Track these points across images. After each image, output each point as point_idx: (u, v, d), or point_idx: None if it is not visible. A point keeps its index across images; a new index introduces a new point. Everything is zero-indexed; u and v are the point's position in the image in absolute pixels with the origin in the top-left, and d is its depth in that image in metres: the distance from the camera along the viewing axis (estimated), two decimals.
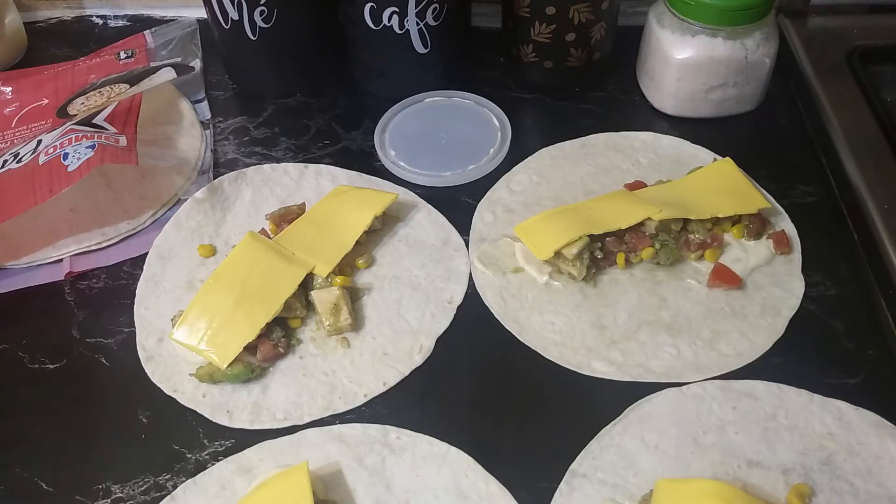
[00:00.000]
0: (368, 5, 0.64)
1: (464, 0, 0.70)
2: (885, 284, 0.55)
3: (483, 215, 0.62)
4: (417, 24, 0.66)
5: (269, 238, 0.59)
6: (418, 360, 0.54)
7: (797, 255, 0.58)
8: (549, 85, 0.72)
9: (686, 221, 0.57)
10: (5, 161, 0.63)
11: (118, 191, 0.65)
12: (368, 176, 0.66)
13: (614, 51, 0.72)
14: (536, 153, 0.66)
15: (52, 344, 0.56)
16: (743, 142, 0.66)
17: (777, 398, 0.50)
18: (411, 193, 0.64)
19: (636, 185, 0.61)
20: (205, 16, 0.70)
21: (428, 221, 0.62)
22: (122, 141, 0.63)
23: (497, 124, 0.68)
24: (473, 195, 0.64)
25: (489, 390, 0.52)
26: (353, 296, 0.57)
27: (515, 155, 0.66)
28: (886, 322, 0.54)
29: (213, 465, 0.49)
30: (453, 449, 0.49)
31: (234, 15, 0.66)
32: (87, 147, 0.60)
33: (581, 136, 0.67)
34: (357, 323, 0.55)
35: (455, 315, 0.56)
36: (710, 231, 0.58)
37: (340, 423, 0.51)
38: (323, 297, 0.55)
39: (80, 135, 0.61)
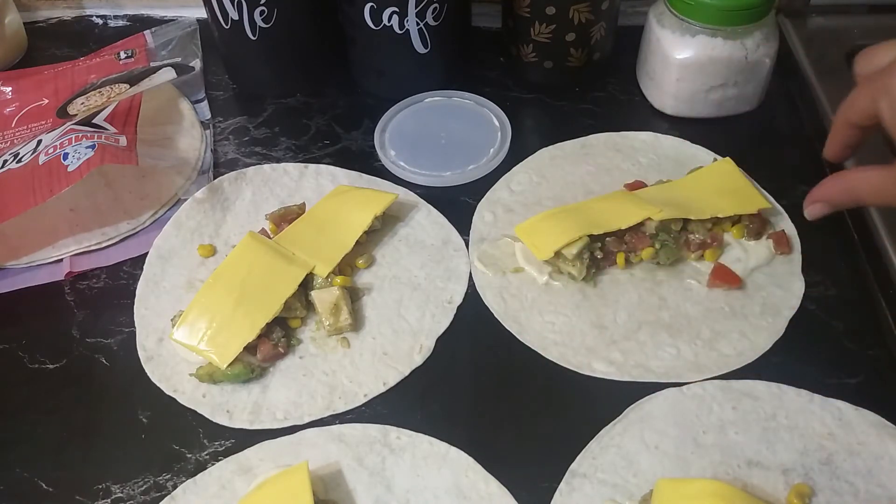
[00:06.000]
0: (368, 5, 0.64)
1: (464, 0, 0.70)
2: (885, 284, 0.55)
3: (483, 215, 0.62)
4: (417, 24, 0.66)
5: (269, 238, 0.59)
6: (418, 360, 0.54)
7: (797, 255, 0.58)
8: (549, 85, 0.72)
9: (686, 221, 0.57)
10: (5, 161, 0.63)
11: (118, 191, 0.65)
12: (368, 176, 0.66)
13: (614, 51, 0.72)
14: (536, 153, 0.66)
15: (52, 344, 0.56)
16: (743, 142, 0.66)
17: (777, 398, 0.50)
18: (411, 193, 0.64)
19: (636, 185, 0.61)
20: (205, 16, 0.70)
21: (428, 221, 0.62)
22: (122, 141, 0.63)
23: (497, 124, 0.68)
24: (473, 195, 0.64)
25: (489, 390, 0.52)
26: (353, 296, 0.57)
27: (515, 155, 0.66)
28: (886, 322, 0.54)
29: (213, 465, 0.49)
30: (453, 449, 0.49)
31: (234, 15, 0.66)
32: (87, 147, 0.60)
33: (581, 136, 0.67)
34: (357, 323, 0.55)
35: (455, 315, 0.56)
36: (710, 231, 0.58)
37: (340, 423, 0.51)
38: (323, 297, 0.55)
39: (80, 135, 0.61)
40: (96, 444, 0.51)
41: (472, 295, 0.57)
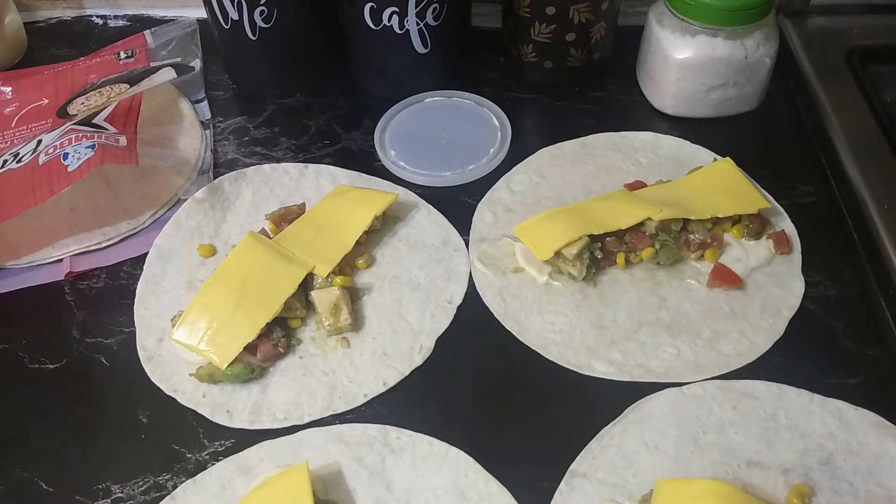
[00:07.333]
0: (368, 5, 0.64)
1: (464, 0, 0.70)
2: (885, 284, 0.55)
3: (483, 215, 0.62)
4: (417, 24, 0.66)
5: (269, 238, 0.59)
6: (418, 360, 0.54)
7: (797, 255, 0.58)
8: (549, 85, 0.72)
9: (686, 221, 0.57)
10: (5, 161, 0.63)
11: (118, 191, 0.65)
12: (368, 176, 0.66)
13: (614, 51, 0.72)
14: (536, 153, 0.66)
15: (52, 344, 0.56)
16: (743, 142, 0.66)
17: (777, 398, 0.50)
18: (411, 193, 0.64)
19: (636, 185, 0.61)
20: (205, 16, 0.70)
21: (428, 221, 0.62)
22: (122, 141, 0.63)
23: (497, 124, 0.68)
24: (473, 195, 0.64)
25: (489, 390, 0.52)
26: (353, 296, 0.57)
27: (515, 155, 0.66)
28: (886, 322, 0.54)
29: (213, 465, 0.49)
30: (453, 449, 0.49)
31: (234, 15, 0.66)
32: (87, 147, 0.60)
33: (581, 136, 0.67)
34: (357, 323, 0.55)
35: (455, 315, 0.56)
36: (710, 231, 0.58)
37: (340, 423, 0.51)
38: (323, 297, 0.55)
39: (80, 135, 0.61)
40: (96, 444, 0.51)
41: (472, 295, 0.57)
